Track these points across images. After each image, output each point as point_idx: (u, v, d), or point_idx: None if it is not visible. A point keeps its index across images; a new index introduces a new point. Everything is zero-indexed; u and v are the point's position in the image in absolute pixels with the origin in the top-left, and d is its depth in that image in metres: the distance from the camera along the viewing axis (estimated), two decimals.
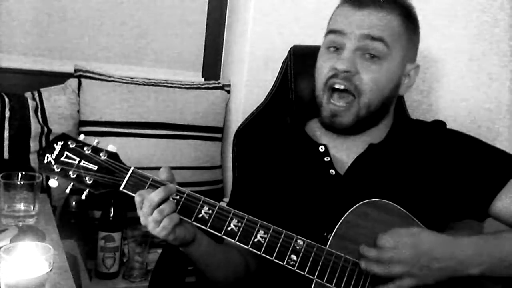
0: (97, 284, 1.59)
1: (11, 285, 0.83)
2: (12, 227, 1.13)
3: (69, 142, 0.98)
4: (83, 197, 0.97)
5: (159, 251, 1.33)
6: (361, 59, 1.02)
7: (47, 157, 0.97)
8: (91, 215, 1.69)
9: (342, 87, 1.03)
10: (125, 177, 0.96)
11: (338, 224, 0.97)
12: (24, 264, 0.84)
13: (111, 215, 1.58)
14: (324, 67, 1.06)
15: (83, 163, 0.97)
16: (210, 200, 0.96)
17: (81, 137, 1.00)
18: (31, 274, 0.84)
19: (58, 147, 0.98)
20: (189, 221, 0.95)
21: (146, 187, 0.95)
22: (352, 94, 1.03)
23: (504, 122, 1.91)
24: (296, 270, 0.94)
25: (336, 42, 1.04)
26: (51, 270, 0.86)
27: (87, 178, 0.96)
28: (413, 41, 1.09)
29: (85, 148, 0.97)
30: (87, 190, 0.97)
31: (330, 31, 1.06)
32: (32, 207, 1.23)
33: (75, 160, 0.97)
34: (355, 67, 1.02)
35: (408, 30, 1.06)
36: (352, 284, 0.95)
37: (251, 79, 1.76)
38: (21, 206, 1.22)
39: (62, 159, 0.97)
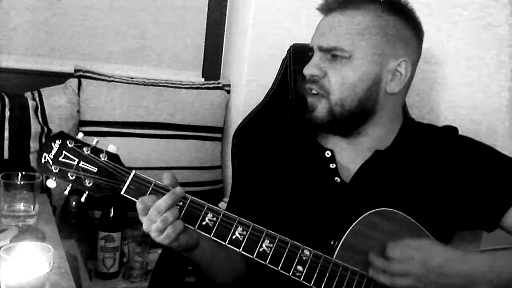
0: (97, 284, 1.59)
1: (11, 285, 0.83)
2: (12, 227, 1.13)
3: (68, 142, 0.94)
4: (83, 199, 0.95)
5: (159, 251, 1.32)
6: (328, 63, 1.03)
7: (45, 157, 0.94)
8: (91, 215, 1.69)
9: (313, 92, 1.05)
10: (126, 181, 0.93)
11: (345, 234, 0.96)
12: (24, 264, 0.84)
13: (111, 215, 1.58)
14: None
15: (82, 164, 0.93)
16: (214, 207, 0.94)
17: (80, 135, 0.96)
18: (31, 274, 0.84)
19: (56, 146, 0.94)
20: (193, 228, 0.93)
21: (148, 193, 0.92)
22: (321, 95, 1.04)
23: (504, 122, 1.91)
24: (302, 282, 0.92)
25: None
26: (51, 270, 0.86)
27: (86, 181, 0.93)
28: (394, 34, 1.03)
29: (84, 149, 0.93)
30: (87, 192, 0.95)
31: (309, 49, 1.09)
32: (32, 207, 1.23)
33: (74, 160, 0.93)
34: (322, 70, 1.03)
35: (383, 24, 1.02)
36: None
37: (251, 79, 1.76)
38: (21, 206, 1.22)
39: (60, 159, 0.93)
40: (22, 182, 1.22)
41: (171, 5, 1.92)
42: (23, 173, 1.23)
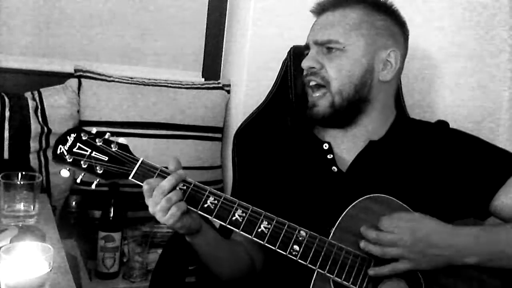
0: (97, 284, 1.59)
1: (11, 285, 0.83)
2: (12, 227, 1.13)
3: (82, 134, 1.01)
4: (93, 186, 1.01)
5: (159, 251, 1.33)
6: (324, 56, 1.12)
7: (60, 148, 1.01)
8: (91, 215, 1.69)
9: (313, 83, 1.12)
10: (134, 167, 0.99)
11: (341, 217, 1.00)
12: (24, 264, 0.84)
13: (111, 215, 1.58)
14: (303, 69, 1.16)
15: (95, 154, 1.00)
16: (216, 191, 0.99)
17: (94, 130, 1.03)
18: (31, 274, 0.84)
19: (71, 139, 1.01)
20: (195, 210, 0.97)
21: (155, 177, 0.98)
22: (323, 85, 1.11)
23: (504, 122, 1.91)
24: (298, 260, 0.96)
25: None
26: (51, 270, 0.86)
27: (97, 168, 0.99)
28: (382, 28, 1.12)
29: (97, 140, 1.01)
30: (98, 179, 1.01)
31: (305, 47, 1.17)
32: (32, 207, 1.23)
33: (87, 151, 1.00)
34: (319, 62, 1.11)
35: (371, 19, 1.11)
36: (353, 275, 0.97)
37: (251, 79, 1.76)
38: (21, 206, 1.22)
39: (74, 150, 1.01)
40: (22, 182, 1.22)
41: (171, 5, 1.92)
42: (23, 173, 1.23)
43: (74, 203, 1.62)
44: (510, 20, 1.85)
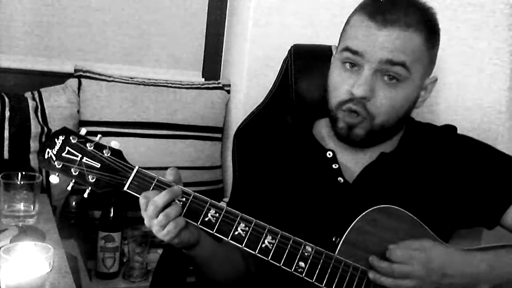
0: (97, 284, 1.59)
1: (11, 285, 0.83)
2: (12, 227, 1.13)
3: (71, 137, 0.93)
4: (85, 195, 0.94)
5: (159, 251, 1.33)
6: (379, 82, 0.98)
7: (48, 152, 0.93)
8: (91, 215, 1.69)
9: (355, 112, 1.00)
10: (129, 177, 0.92)
11: (347, 231, 0.96)
12: (24, 264, 0.84)
13: (111, 215, 1.58)
14: (341, 88, 1.02)
15: (86, 160, 0.93)
16: (217, 203, 0.93)
17: (83, 131, 0.95)
18: (31, 274, 0.84)
19: (59, 141, 0.93)
20: (195, 224, 0.93)
21: (151, 188, 0.91)
22: (363, 116, 1.00)
23: (504, 122, 1.91)
24: (304, 278, 0.92)
25: (354, 60, 1.00)
26: (51, 270, 0.86)
27: (89, 176, 0.92)
28: (434, 55, 1.05)
29: (87, 144, 0.93)
30: (89, 188, 0.94)
31: (348, 49, 1.00)
32: (32, 207, 1.23)
33: (77, 156, 0.93)
34: (373, 91, 0.98)
35: (430, 46, 1.01)
36: None
37: (251, 79, 1.76)
38: (21, 206, 1.22)
39: (63, 154, 0.93)
40: (22, 182, 1.22)
41: (171, 5, 1.92)
42: (23, 173, 1.23)
43: (74, 203, 1.62)
44: (510, 20, 1.85)
